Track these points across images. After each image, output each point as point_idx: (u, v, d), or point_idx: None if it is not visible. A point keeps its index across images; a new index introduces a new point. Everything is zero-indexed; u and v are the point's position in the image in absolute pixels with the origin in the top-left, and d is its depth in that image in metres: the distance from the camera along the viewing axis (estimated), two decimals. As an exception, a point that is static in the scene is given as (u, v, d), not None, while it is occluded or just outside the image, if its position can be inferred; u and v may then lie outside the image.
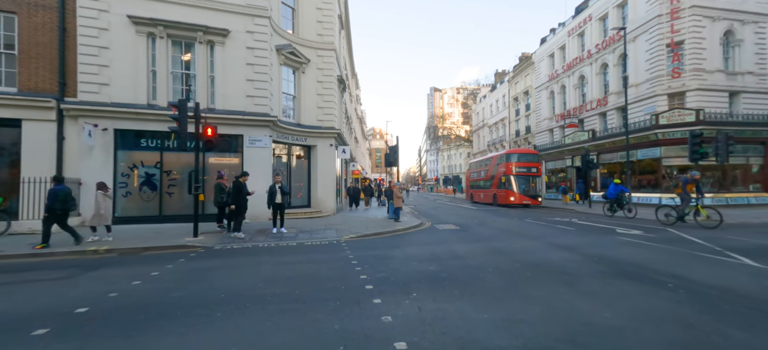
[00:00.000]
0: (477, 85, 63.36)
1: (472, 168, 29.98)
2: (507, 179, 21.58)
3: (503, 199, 21.65)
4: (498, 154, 25.00)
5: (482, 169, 26.52)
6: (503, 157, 23.13)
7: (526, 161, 22.17)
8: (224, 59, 12.67)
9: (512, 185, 21.33)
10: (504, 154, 23.20)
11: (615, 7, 23.70)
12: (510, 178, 21.51)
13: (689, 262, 5.93)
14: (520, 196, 21.10)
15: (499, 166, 22.96)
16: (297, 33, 15.57)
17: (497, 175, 22.90)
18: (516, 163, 21.86)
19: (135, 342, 3.09)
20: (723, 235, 8.82)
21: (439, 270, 5.61)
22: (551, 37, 32.08)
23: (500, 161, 23.15)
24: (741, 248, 7.10)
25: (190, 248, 7.78)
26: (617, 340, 3.01)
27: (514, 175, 21.51)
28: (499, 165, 23.16)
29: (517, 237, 9.12)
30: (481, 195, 25.94)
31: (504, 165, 22.24)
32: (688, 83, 19.33)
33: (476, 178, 27.75)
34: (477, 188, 27.25)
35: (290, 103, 15.48)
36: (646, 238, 8.60)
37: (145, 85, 11.93)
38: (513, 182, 21.41)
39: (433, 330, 3.25)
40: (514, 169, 21.61)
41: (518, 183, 21.45)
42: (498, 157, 24.08)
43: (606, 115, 24.70)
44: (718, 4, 19.61)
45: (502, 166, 22.43)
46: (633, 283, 4.73)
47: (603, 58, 24.77)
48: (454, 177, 66.01)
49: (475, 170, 28.53)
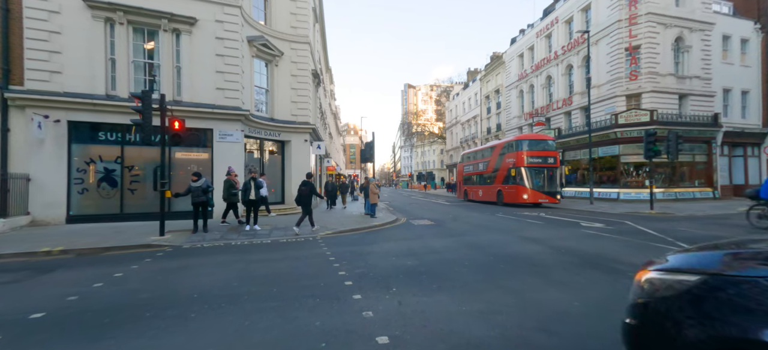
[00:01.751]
0: (450, 82, 64.61)
1: (465, 160, 25.48)
2: (517, 172, 17.75)
3: (512, 197, 17.93)
4: (503, 141, 20.99)
5: (480, 161, 22.49)
6: (511, 144, 19.15)
7: (541, 149, 18.11)
8: (192, 49, 12.06)
9: (524, 180, 17.41)
10: (512, 141, 19.30)
11: (579, 11, 24.90)
12: (521, 171, 17.63)
13: (646, 253, 6.40)
14: (535, 193, 17.24)
15: (506, 156, 19.05)
16: (270, 25, 15.10)
17: (503, 167, 19.10)
18: (529, 151, 17.82)
19: (101, 348, 2.90)
20: (672, 227, 9.58)
21: (417, 264, 5.69)
22: (521, 37, 33.21)
23: (507, 150, 19.33)
24: (687, 238, 7.76)
25: (156, 247, 7.38)
26: (586, 326, 3.20)
27: (527, 168, 17.56)
28: (505, 155, 19.22)
29: (489, 232, 9.42)
30: (480, 192, 21.95)
31: (513, 155, 18.41)
32: (644, 85, 20.73)
33: (471, 172, 23.80)
34: (473, 184, 23.40)
35: (263, 97, 15.02)
36: (606, 230, 9.18)
37: (104, 75, 11.12)
38: (525, 176, 17.48)
39: (413, 323, 3.30)
40: (527, 160, 17.61)
41: (532, 177, 17.53)
42: (503, 145, 20.14)
43: (571, 114, 25.99)
44: (670, 12, 21.13)
45: (511, 156, 18.60)
46: (598, 273, 5.04)
47: (568, 59, 25.99)
48: (428, 173, 67.04)
49: (471, 162, 24.27)
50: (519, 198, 17.50)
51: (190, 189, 8.99)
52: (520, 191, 17.50)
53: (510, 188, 18.29)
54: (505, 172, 18.86)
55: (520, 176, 17.63)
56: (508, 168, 18.42)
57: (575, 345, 2.85)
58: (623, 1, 21.25)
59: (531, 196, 17.27)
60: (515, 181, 17.88)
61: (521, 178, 17.58)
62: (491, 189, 20.37)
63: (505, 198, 18.61)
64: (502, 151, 19.79)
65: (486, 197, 21.00)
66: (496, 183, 19.89)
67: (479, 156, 23.31)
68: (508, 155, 18.97)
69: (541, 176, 17.74)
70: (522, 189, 17.47)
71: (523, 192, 17.38)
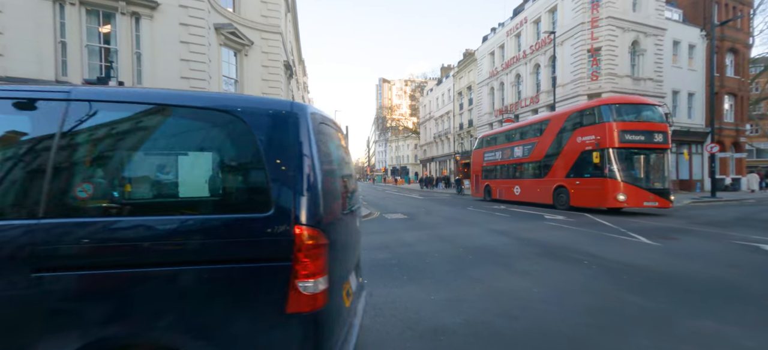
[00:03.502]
0: (424, 78, 65.27)
1: (487, 144, 19.02)
2: (603, 158, 11.40)
3: (590, 198, 11.90)
4: (569, 109, 14.17)
5: (518, 144, 15.92)
6: (590, 112, 12.34)
7: (643, 119, 11.89)
8: (153, 35, 11.40)
9: (616, 170, 11.19)
10: (593, 108, 12.32)
11: (547, 12, 25.93)
12: (610, 156, 11.31)
13: (600, 242, 6.89)
14: (638, 192, 11.23)
15: (578, 132, 12.62)
16: (239, 12, 14.55)
17: (569, 150, 12.89)
18: (624, 123, 11.55)
19: None
20: (625, 219, 10.35)
21: (389, 257, 5.79)
22: (492, 35, 34.13)
23: (579, 122, 12.70)
24: (639, 229, 8.42)
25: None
26: (543, 311, 3.43)
27: (621, 150, 11.35)
28: (576, 131, 12.72)
29: (459, 224, 9.72)
30: (516, 189, 15.76)
31: (593, 129, 11.95)
32: (604, 86, 22.01)
33: (499, 161, 17.35)
34: (502, 177, 17.05)
35: (232, 88, 14.50)
36: (567, 222, 9.75)
37: (53, 59, 10.28)
38: (617, 164, 11.23)
39: (383, 313, 3.39)
40: (622, 136, 11.34)
41: (630, 165, 11.72)
42: (570, 114, 13.39)
43: (538, 112, 27.12)
44: (627, 16, 22.51)
45: (588, 131, 12.16)
46: (557, 262, 5.38)
47: (536, 58, 27.05)
48: (402, 168, 67.66)
49: (498, 147, 17.71)
50: (606, 198, 11.34)
51: None
52: (609, 188, 11.21)
53: (585, 184, 12.07)
54: (573, 158, 12.64)
55: (609, 164, 11.30)
56: (582, 151, 12.27)
57: (533, 327, 3.05)
58: (586, 4, 22.37)
59: (632, 197, 11.09)
60: (598, 172, 11.53)
61: (610, 168, 11.26)
62: (541, 185, 14.12)
63: (575, 200, 12.44)
64: (567, 125, 13.23)
65: (529, 196, 14.94)
66: (552, 175, 13.63)
67: (516, 136, 16.51)
68: (581, 131, 12.44)
69: (644, 163, 12.06)
70: (612, 186, 11.19)
71: (615, 191, 11.11)
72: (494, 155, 18.00)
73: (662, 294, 3.85)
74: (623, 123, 11.58)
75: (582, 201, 12.26)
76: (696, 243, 6.74)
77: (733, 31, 27.10)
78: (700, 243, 6.74)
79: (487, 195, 18.36)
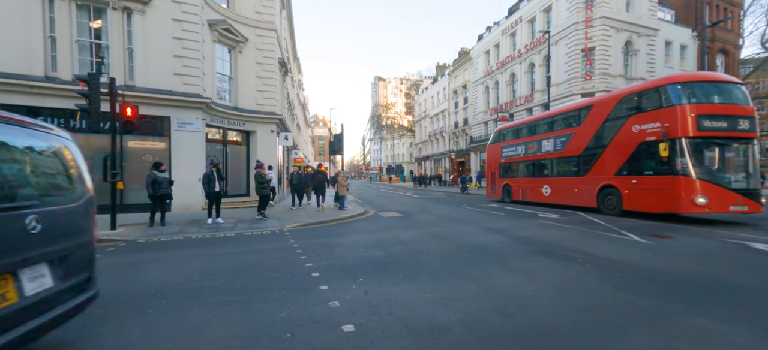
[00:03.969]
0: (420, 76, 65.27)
1: (506, 137, 16.63)
2: (675, 151, 9.08)
3: (659, 201, 9.49)
4: (621, 91, 11.29)
5: (552, 137, 13.44)
6: (655, 95, 9.84)
7: (725, 101, 9.33)
8: (145, 30, 11.24)
9: (690, 168, 8.86)
10: (661, 88, 9.67)
11: (541, 12, 26.07)
12: (683, 147, 8.99)
13: (593, 240, 6.95)
14: (723, 194, 8.78)
15: (633, 120, 10.29)
16: (233, 9, 14.40)
17: (623, 142, 10.53)
18: (702, 106, 9.12)
19: (42, 347, 2.70)
20: (618, 217, 10.46)
21: (384, 255, 5.79)
22: (487, 34, 34.22)
23: (636, 105, 10.39)
24: (630, 227, 8.51)
25: (107, 242, 6.91)
26: (538, 308, 3.45)
27: (695, 141, 9.00)
28: (633, 116, 10.36)
29: (455, 223, 9.75)
30: (545, 189, 13.62)
31: (658, 115, 9.58)
32: (597, 85, 22.21)
33: (525, 156, 15.00)
34: (526, 175, 14.99)
35: (226, 85, 14.37)
36: (561, 221, 9.83)
37: (42, 54, 10.10)
38: (692, 160, 8.91)
39: (379, 311, 3.38)
40: (698, 124, 8.93)
41: (709, 161, 9.26)
42: (624, 97, 10.85)
43: (532, 111, 27.29)
44: (621, 17, 22.72)
45: (650, 117, 9.81)
46: (551, 260, 5.41)
47: (531, 58, 27.19)
48: (397, 166, 67.71)
49: (520, 141, 15.39)
50: (678, 202, 9.01)
51: (163, 181, 8.74)
52: (683, 189, 8.91)
53: (646, 183, 9.79)
54: (628, 151, 10.35)
55: (681, 158, 8.97)
56: (640, 142, 9.97)
57: (528, 324, 3.07)
58: (580, 4, 22.52)
59: (715, 200, 8.68)
60: (666, 169, 9.22)
61: (684, 163, 8.93)
62: (581, 185, 11.92)
63: (630, 202, 10.22)
64: (618, 112, 10.83)
65: (563, 198, 12.72)
66: (596, 172, 11.35)
67: (544, 127, 14.22)
68: (639, 117, 10.10)
69: (728, 157, 9.43)
70: (686, 186, 8.87)
71: (691, 192, 8.79)
72: (515, 150, 15.76)
73: (655, 291, 3.89)
74: (700, 106, 9.08)
75: (641, 204, 9.97)
76: (688, 241, 6.84)
77: (723, 32, 27.52)
78: (691, 240, 6.83)
79: (506, 196, 16.28)
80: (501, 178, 16.77)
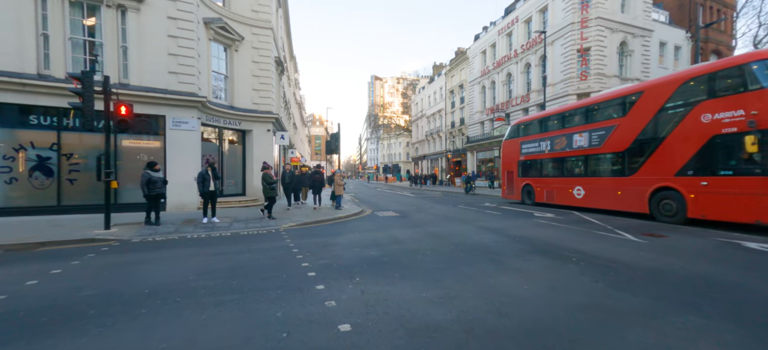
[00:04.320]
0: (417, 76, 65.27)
1: (526, 132, 14.83)
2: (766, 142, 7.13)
3: (742, 208, 7.64)
4: (685, 73, 9.21)
5: (587, 130, 11.71)
6: (734, 76, 7.97)
7: None
8: (140, 28, 11.14)
9: None
10: (745, 66, 7.70)
11: (538, 12, 26.17)
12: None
13: (588, 239, 7.00)
14: None
15: (708, 106, 8.35)
16: (229, 7, 14.32)
17: (688, 134, 8.77)
18: None
19: (39, 347, 2.68)
20: (612, 217, 10.53)
21: (380, 254, 5.79)
22: (484, 34, 34.30)
23: (707, 89, 8.47)
24: (624, 226, 8.58)
25: (101, 241, 6.85)
26: (533, 307, 3.47)
27: None
28: (702, 103, 8.51)
29: (451, 222, 9.77)
30: (578, 190, 11.99)
31: (740, 100, 7.73)
32: (592, 85, 22.35)
33: (551, 153, 13.25)
34: (555, 175, 13.12)
35: (222, 84, 14.29)
36: (556, 220, 9.89)
37: (35, 52, 9.99)
38: None
39: (375, 310, 3.38)
40: None
41: None
42: (689, 78, 8.93)
43: (528, 111, 27.40)
44: (616, 17, 22.88)
45: (726, 104, 7.99)
46: (547, 259, 5.44)
47: (527, 58, 27.29)
48: (394, 165, 67.73)
49: (547, 136, 13.47)
50: None
51: (157, 180, 8.71)
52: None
53: (723, 186, 8.05)
54: (695, 146, 8.61)
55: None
56: (712, 135, 8.25)
57: (524, 323, 3.08)
58: (576, 4, 22.65)
59: None
60: (751, 168, 7.55)
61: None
62: (627, 186, 10.37)
63: (698, 208, 8.50)
64: (679, 97, 9.11)
65: (603, 201, 11.17)
66: (649, 172, 9.78)
67: (576, 118, 12.41)
68: (711, 104, 8.33)
69: None
70: None
71: None
72: (538, 146, 13.79)
73: (649, 289, 3.93)
74: None
75: (715, 211, 8.17)
76: (682, 240, 6.90)
77: (717, 34, 27.80)
78: (685, 240, 6.90)
79: (526, 198, 14.48)
80: (520, 178, 14.87)
